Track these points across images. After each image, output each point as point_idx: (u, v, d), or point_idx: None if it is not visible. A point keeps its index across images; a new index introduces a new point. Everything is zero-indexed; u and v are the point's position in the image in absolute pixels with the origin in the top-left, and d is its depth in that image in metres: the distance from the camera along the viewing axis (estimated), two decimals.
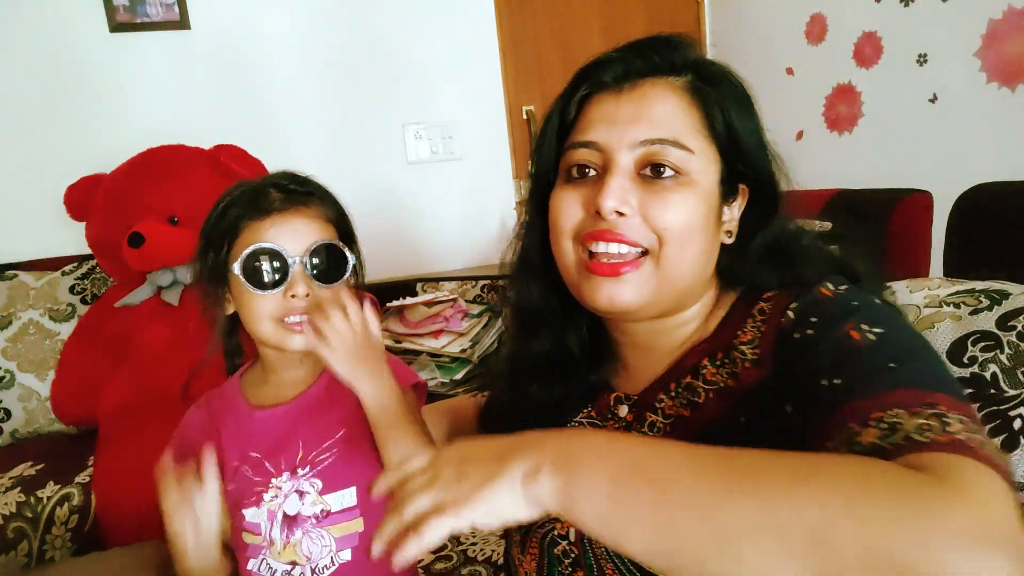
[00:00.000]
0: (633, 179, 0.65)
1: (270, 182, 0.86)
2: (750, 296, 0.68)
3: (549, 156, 0.72)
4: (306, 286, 0.81)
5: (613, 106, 0.66)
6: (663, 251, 0.64)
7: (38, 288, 1.90)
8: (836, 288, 0.61)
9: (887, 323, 0.55)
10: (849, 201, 1.56)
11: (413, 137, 2.57)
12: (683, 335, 0.71)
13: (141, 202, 1.74)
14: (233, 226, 0.83)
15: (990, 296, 0.67)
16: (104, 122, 2.21)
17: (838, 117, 2.43)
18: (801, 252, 0.68)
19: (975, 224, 1.29)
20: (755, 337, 0.63)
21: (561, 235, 0.69)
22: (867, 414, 0.47)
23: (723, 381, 0.64)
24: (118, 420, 1.59)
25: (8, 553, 1.36)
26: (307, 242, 0.82)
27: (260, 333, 0.83)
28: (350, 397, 0.81)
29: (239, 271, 0.80)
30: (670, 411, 0.68)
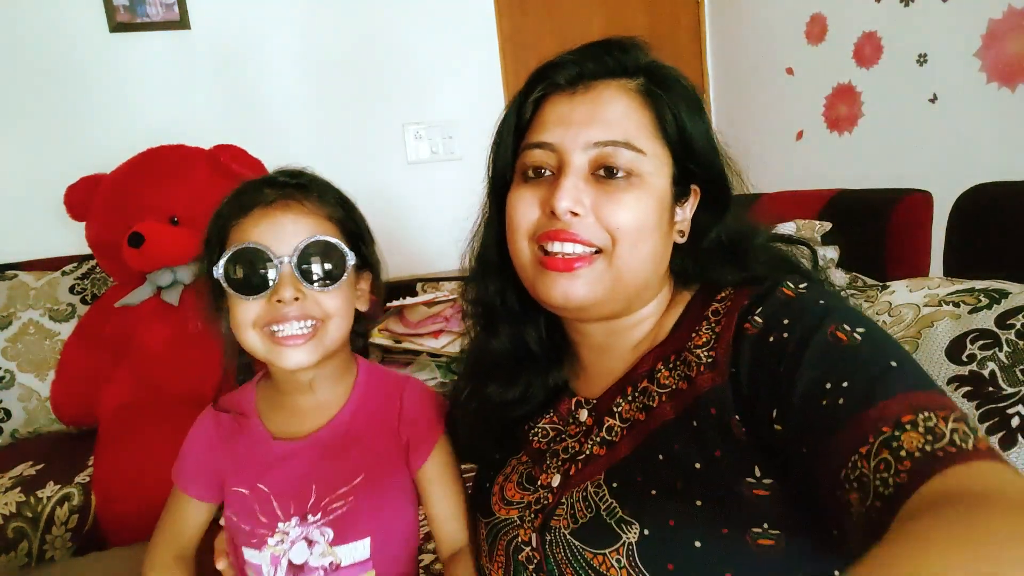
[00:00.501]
0: (587, 179, 0.66)
1: (264, 178, 0.81)
2: (704, 295, 0.69)
3: (506, 156, 0.74)
4: (294, 289, 0.73)
5: (567, 107, 0.68)
6: (616, 250, 0.65)
7: (38, 288, 1.90)
8: (796, 287, 0.61)
9: (862, 320, 0.56)
10: (849, 201, 1.56)
11: (413, 137, 2.57)
12: (638, 335, 0.72)
13: (141, 202, 1.74)
14: (222, 229, 0.78)
15: (989, 295, 0.67)
16: (104, 122, 2.21)
17: (838, 117, 2.43)
18: (752, 250, 0.69)
19: (975, 224, 1.29)
20: (710, 339, 0.63)
21: (517, 234, 0.70)
22: (897, 416, 0.47)
23: (675, 384, 0.65)
24: (118, 420, 1.59)
25: (8, 553, 1.36)
26: (295, 240, 0.74)
27: (247, 343, 0.76)
28: (373, 436, 0.78)
29: (221, 275, 0.74)
30: (627, 415, 0.69)
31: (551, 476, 0.72)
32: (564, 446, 0.74)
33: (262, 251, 0.73)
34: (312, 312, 0.75)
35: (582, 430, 0.73)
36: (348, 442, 0.80)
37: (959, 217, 1.32)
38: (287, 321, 0.74)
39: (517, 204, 0.70)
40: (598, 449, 0.69)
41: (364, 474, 0.78)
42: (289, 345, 0.74)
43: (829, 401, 0.51)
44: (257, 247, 0.73)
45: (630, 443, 0.67)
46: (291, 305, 0.73)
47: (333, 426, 0.81)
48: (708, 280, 0.70)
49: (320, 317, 0.76)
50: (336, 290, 0.76)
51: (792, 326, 0.57)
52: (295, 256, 0.73)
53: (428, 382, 1.70)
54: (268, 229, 0.74)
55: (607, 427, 0.70)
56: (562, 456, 0.73)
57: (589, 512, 0.65)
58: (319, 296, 0.75)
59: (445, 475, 0.83)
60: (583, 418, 0.74)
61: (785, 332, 0.57)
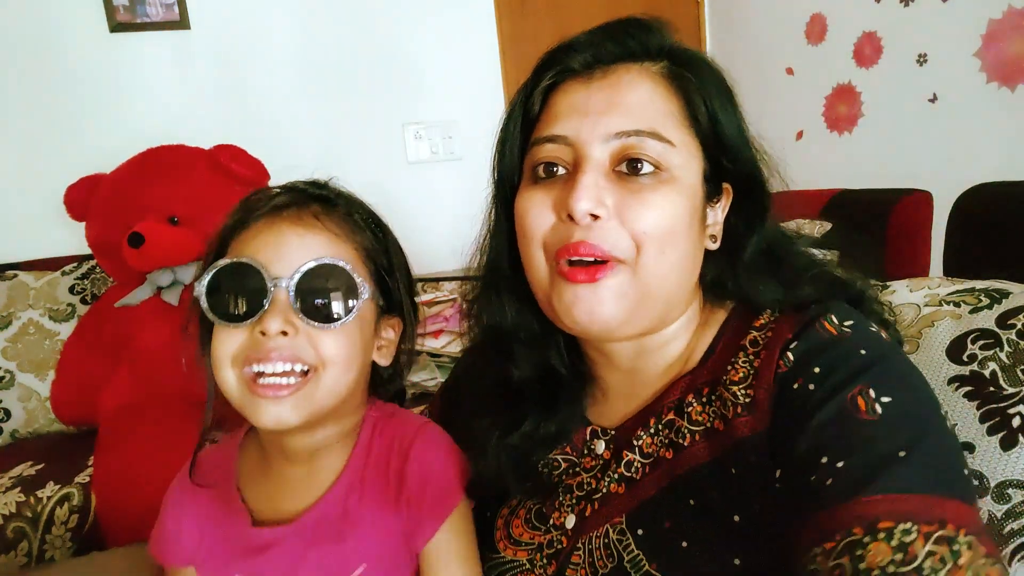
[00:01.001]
0: (608, 176, 0.58)
1: (281, 185, 0.68)
2: (741, 316, 0.62)
3: (513, 154, 0.66)
4: (283, 320, 0.58)
5: (583, 95, 0.60)
6: (641, 259, 0.57)
7: (38, 288, 1.90)
8: (841, 324, 0.55)
9: (896, 381, 0.50)
10: (849, 201, 1.56)
11: (413, 137, 2.57)
12: (667, 357, 0.64)
13: (141, 202, 1.74)
14: (222, 240, 0.65)
15: (990, 295, 0.67)
16: (104, 122, 2.21)
17: (838, 117, 2.43)
18: (797, 265, 0.62)
19: (975, 224, 1.29)
20: (748, 375, 0.56)
21: (531, 243, 0.61)
22: (874, 519, 0.42)
23: (710, 422, 0.58)
24: (118, 420, 1.59)
25: (8, 553, 1.36)
26: (299, 259, 0.59)
27: (222, 384, 0.61)
28: (375, 514, 0.64)
29: (202, 292, 0.60)
30: (649, 450, 0.61)
31: (564, 515, 0.65)
32: (578, 481, 0.66)
33: (255, 268, 0.58)
34: (303, 354, 0.59)
35: (598, 464, 0.65)
36: (344, 525, 0.64)
37: (959, 217, 1.32)
38: (270, 360, 0.58)
39: (528, 208, 0.61)
40: (616, 487, 0.62)
41: (365, 564, 0.64)
42: (268, 396, 0.58)
43: (818, 478, 0.47)
44: (250, 262, 0.59)
45: (655, 483, 0.59)
46: (276, 339, 0.58)
47: (325, 504, 0.64)
48: (746, 298, 0.62)
49: (313, 363, 0.60)
50: (341, 331, 0.61)
51: (820, 377, 0.51)
52: (294, 280, 0.58)
53: (427, 382, 1.70)
54: (270, 243, 0.60)
55: (626, 462, 0.62)
56: (576, 493, 0.65)
57: (611, 562, 0.59)
58: (316, 335, 0.60)
59: (454, 556, 0.65)
60: (600, 450, 0.66)
61: (811, 383, 0.51)
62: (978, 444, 0.59)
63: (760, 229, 0.62)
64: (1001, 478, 0.56)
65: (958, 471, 0.47)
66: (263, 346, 0.58)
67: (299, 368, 0.59)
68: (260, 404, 0.58)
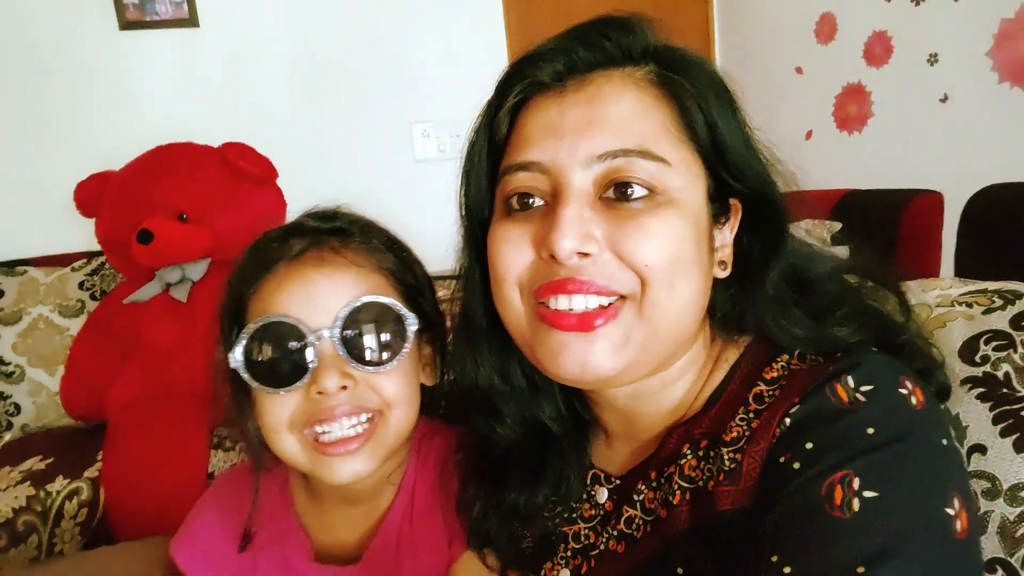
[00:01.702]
0: (594, 206, 0.50)
1: (286, 226, 0.62)
2: (757, 356, 0.54)
3: (480, 185, 0.57)
4: (339, 375, 0.55)
5: (556, 112, 0.51)
6: (647, 295, 0.49)
7: (48, 284, 1.91)
8: (856, 389, 0.46)
9: (895, 472, 0.42)
10: (859, 202, 1.55)
11: (420, 135, 2.57)
12: (668, 401, 0.56)
13: (150, 199, 1.74)
14: (238, 298, 0.59)
15: (1003, 296, 0.67)
16: (114, 119, 2.22)
17: (848, 117, 2.42)
18: (828, 293, 0.53)
19: (986, 226, 1.28)
20: (740, 436, 0.49)
21: (503, 284, 0.53)
22: None
23: (703, 481, 0.51)
24: (127, 416, 1.59)
25: (18, 546, 1.37)
26: (337, 304, 0.55)
27: (282, 451, 0.57)
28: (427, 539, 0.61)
29: (240, 363, 0.55)
30: (650, 506, 0.54)
31: (558, 569, 0.59)
32: (575, 531, 0.60)
33: (292, 324, 0.54)
34: (367, 402, 0.57)
35: (598, 515, 0.59)
36: (401, 554, 0.62)
37: (970, 218, 1.31)
38: (335, 419, 0.55)
39: (501, 244, 0.53)
40: (615, 545, 0.56)
41: None
42: (339, 454, 0.55)
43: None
44: (284, 320, 0.54)
45: (652, 545, 0.53)
46: (337, 396, 0.55)
47: (383, 535, 0.62)
48: (765, 333, 0.54)
49: (378, 408, 0.58)
50: (397, 368, 0.58)
51: (810, 456, 0.44)
52: (337, 327, 0.55)
53: None
54: (298, 293, 0.56)
55: (627, 518, 0.56)
56: (572, 545, 0.59)
57: None
58: (375, 380, 0.57)
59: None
60: (601, 499, 0.59)
61: (797, 460, 0.44)
62: (991, 446, 0.58)
63: (779, 254, 0.53)
64: (1014, 480, 0.56)
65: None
66: (323, 406, 0.55)
67: (364, 417, 0.57)
68: (333, 463, 0.56)
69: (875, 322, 0.53)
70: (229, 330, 0.59)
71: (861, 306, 0.54)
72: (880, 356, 0.50)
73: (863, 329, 0.51)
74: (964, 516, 0.43)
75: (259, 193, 1.86)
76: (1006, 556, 0.54)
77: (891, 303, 0.55)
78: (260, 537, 0.64)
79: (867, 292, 0.56)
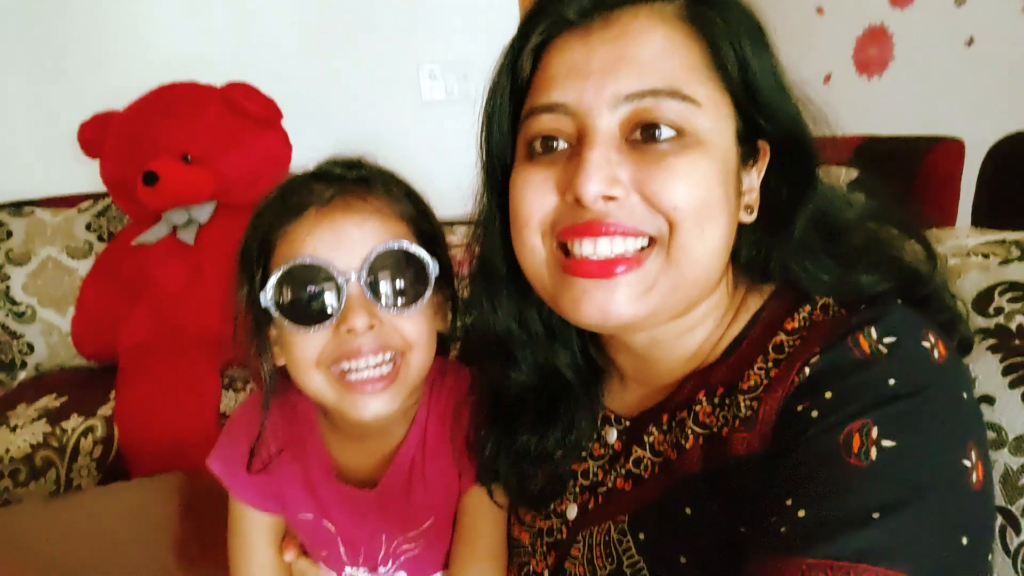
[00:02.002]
0: (620, 148, 0.48)
1: (312, 172, 0.64)
2: (779, 305, 0.53)
3: (503, 129, 0.56)
4: (367, 315, 0.57)
5: (582, 51, 0.49)
6: (676, 238, 0.48)
7: (55, 225, 1.91)
8: (879, 341, 0.45)
9: (914, 423, 0.42)
10: (878, 148, 1.52)
11: (427, 77, 2.51)
12: (687, 347, 0.56)
13: (154, 140, 1.73)
14: (265, 240, 0.61)
15: (1021, 247, 0.65)
16: (117, 57, 2.18)
17: (868, 60, 2.34)
18: (854, 240, 0.52)
19: (1009, 174, 1.25)
20: (759, 384, 0.49)
21: (524, 228, 0.52)
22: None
23: (717, 427, 0.51)
24: (138, 356, 1.62)
25: (38, 480, 1.41)
26: (365, 249, 0.58)
27: (310, 388, 0.61)
28: (438, 469, 0.65)
29: (270, 302, 0.58)
30: (660, 448, 0.55)
31: (567, 503, 0.61)
32: (584, 468, 0.61)
33: (322, 267, 0.57)
34: (391, 342, 0.60)
35: (607, 454, 0.60)
36: (413, 482, 0.66)
37: (992, 166, 1.28)
38: (361, 356, 0.58)
39: (523, 189, 0.52)
40: (623, 483, 0.57)
41: (433, 517, 0.66)
42: (366, 392, 0.59)
43: (776, 521, 0.42)
44: (315, 262, 0.57)
45: (659, 485, 0.54)
46: (365, 335, 0.58)
47: (397, 465, 0.66)
48: (790, 280, 0.53)
49: (400, 348, 0.61)
50: (418, 312, 0.61)
51: (829, 405, 0.44)
52: (365, 270, 0.58)
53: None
54: (327, 237, 0.58)
55: (635, 458, 0.57)
56: (581, 481, 0.61)
57: (610, 563, 0.55)
58: (398, 321, 0.60)
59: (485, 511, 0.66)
60: (611, 439, 0.60)
61: (815, 410, 0.44)
62: (999, 397, 0.58)
63: (808, 198, 0.52)
64: (1021, 431, 0.56)
65: (950, 550, 0.39)
66: (351, 344, 0.58)
67: (388, 356, 0.60)
68: (359, 400, 0.59)
69: (901, 272, 0.52)
70: (253, 271, 0.61)
71: (888, 255, 0.53)
72: (904, 309, 0.49)
73: (889, 279, 0.50)
74: (980, 468, 0.43)
75: (264, 135, 1.84)
76: (1007, 504, 0.54)
77: (916, 253, 0.54)
78: (286, 454, 0.68)
79: (892, 241, 0.55)
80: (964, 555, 0.40)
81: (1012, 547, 0.54)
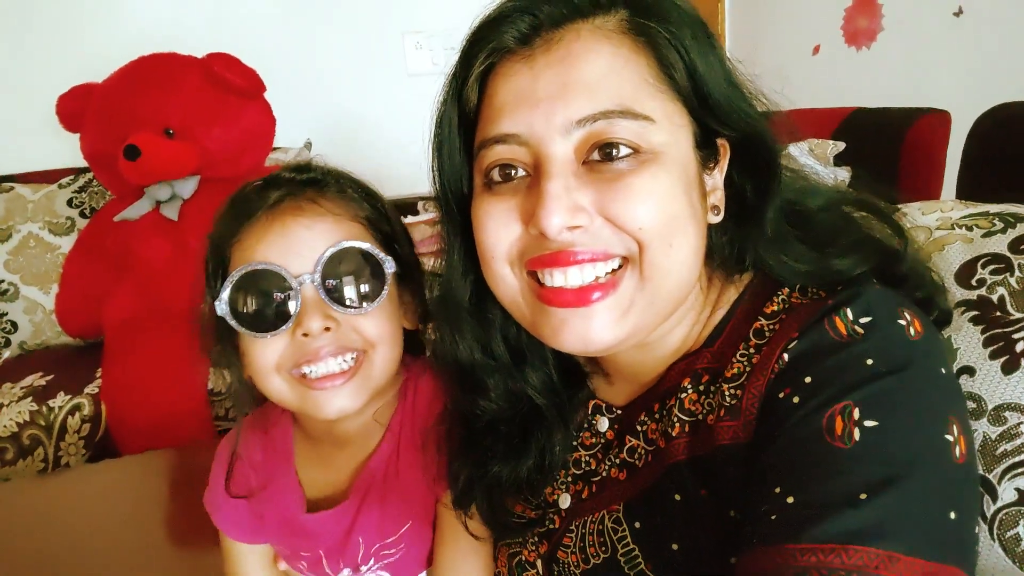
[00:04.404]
0: (577, 173, 0.48)
1: (263, 179, 0.63)
2: (758, 292, 0.53)
3: (455, 159, 0.55)
4: (322, 317, 0.57)
5: (528, 77, 0.48)
6: (646, 257, 0.48)
7: (36, 201, 1.88)
8: (855, 322, 0.45)
9: (895, 402, 0.42)
10: (865, 120, 1.52)
11: (413, 47, 2.47)
12: (669, 345, 0.56)
13: (135, 113, 1.69)
14: (220, 249, 0.61)
15: (1004, 219, 0.66)
16: (95, 27, 2.13)
17: (857, 31, 2.32)
18: (826, 224, 0.52)
19: (994, 145, 1.25)
20: (741, 372, 0.49)
21: (492, 260, 0.52)
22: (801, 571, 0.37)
23: (702, 415, 0.51)
24: (123, 333, 1.61)
25: (26, 459, 1.41)
26: (316, 251, 0.58)
27: (272, 392, 0.61)
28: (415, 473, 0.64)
29: (226, 310, 0.58)
30: (652, 436, 0.55)
31: (558, 493, 0.61)
32: (576, 458, 0.61)
33: (273, 271, 0.57)
34: (350, 343, 0.60)
35: (599, 443, 0.60)
36: (388, 486, 0.65)
37: (978, 138, 1.28)
38: (320, 359, 0.58)
39: (486, 220, 0.51)
40: (616, 472, 0.57)
41: (410, 522, 0.66)
42: (326, 388, 0.59)
43: (766, 509, 0.41)
44: (267, 267, 0.57)
45: (652, 473, 0.54)
46: (321, 338, 0.58)
47: (371, 469, 0.66)
48: (763, 268, 0.53)
49: (361, 347, 0.61)
50: (378, 310, 0.61)
51: (809, 389, 0.44)
52: (318, 273, 0.58)
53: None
54: (278, 242, 0.58)
55: (629, 447, 0.57)
56: (573, 471, 0.61)
57: (604, 552, 0.55)
58: (356, 321, 0.60)
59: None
60: (602, 428, 0.60)
61: (797, 395, 0.44)
62: (979, 368, 0.59)
63: (772, 191, 0.52)
64: (999, 401, 0.57)
65: (939, 526, 0.39)
66: (309, 348, 0.58)
67: (350, 357, 0.60)
68: (320, 398, 0.59)
69: (875, 252, 0.52)
70: (214, 280, 0.61)
71: (860, 236, 0.53)
72: (879, 288, 0.49)
73: (865, 260, 0.50)
74: (963, 442, 0.43)
75: (247, 107, 1.81)
76: (984, 472, 0.56)
77: (887, 232, 0.54)
78: (267, 491, 0.69)
79: (864, 221, 0.55)
80: (953, 529, 0.40)
81: (988, 514, 0.55)
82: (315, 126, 2.14)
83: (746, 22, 2.80)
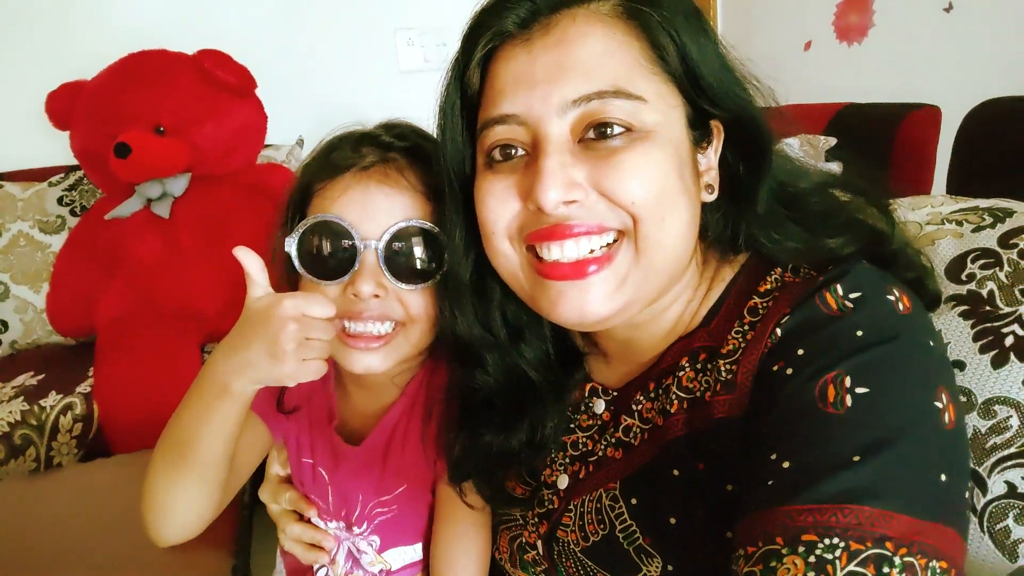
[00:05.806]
0: (573, 151, 0.50)
1: (363, 133, 0.66)
2: (752, 271, 0.55)
3: (457, 141, 0.57)
4: (374, 283, 0.61)
5: (526, 60, 0.51)
6: (640, 231, 0.50)
7: (25, 199, 1.87)
8: (845, 297, 0.47)
9: (885, 370, 0.44)
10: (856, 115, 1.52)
11: (405, 44, 2.46)
12: (665, 324, 0.58)
13: (125, 110, 1.68)
14: (304, 191, 0.65)
15: (993, 214, 0.66)
16: (85, 24, 2.11)
17: (848, 27, 2.33)
18: (817, 207, 0.54)
19: (984, 140, 1.26)
20: (736, 348, 0.51)
21: (493, 236, 0.54)
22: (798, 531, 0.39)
23: (700, 392, 0.53)
24: (116, 332, 1.60)
25: (17, 458, 1.40)
26: (389, 221, 0.61)
27: None
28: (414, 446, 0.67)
29: (293, 249, 0.62)
30: (648, 415, 0.57)
31: (557, 474, 0.63)
32: (573, 440, 0.63)
33: (344, 228, 0.60)
34: (393, 313, 0.63)
35: (596, 424, 0.62)
36: (392, 446, 0.69)
37: (968, 133, 1.29)
38: (361, 319, 0.62)
39: (487, 197, 0.54)
40: (613, 451, 0.59)
41: (405, 485, 0.69)
42: (359, 347, 0.62)
43: (763, 475, 0.43)
44: (340, 222, 0.60)
45: (649, 450, 0.56)
46: (369, 301, 0.61)
47: (382, 427, 0.70)
48: (758, 249, 0.55)
49: (402, 320, 0.64)
50: (425, 289, 0.63)
51: (802, 361, 0.46)
52: (383, 241, 0.61)
53: None
54: (357, 200, 0.61)
55: (625, 427, 0.59)
56: (570, 452, 0.63)
57: (602, 529, 0.57)
58: (404, 295, 0.63)
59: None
60: (599, 410, 0.62)
61: (790, 367, 0.46)
62: (969, 362, 0.59)
63: (764, 171, 0.54)
64: (989, 395, 0.57)
65: (930, 486, 0.41)
66: (354, 306, 0.61)
67: (389, 325, 0.63)
68: (352, 354, 0.63)
69: (864, 233, 0.53)
70: (292, 217, 0.65)
71: (850, 217, 0.55)
72: (869, 266, 0.51)
73: (855, 240, 0.52)
74: (952, 409, 0.45)
75: (238, 104, 1.80)
76: (975, 465, 0.56)
77: (876, 215, 0.56)
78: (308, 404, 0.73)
79: (854, 205, 0.57)
80: (944, 491, 0.41)
81: (979, 507, 0.55)
82: (307, 123, 2.12)
83: (738, 18, 2.80)
